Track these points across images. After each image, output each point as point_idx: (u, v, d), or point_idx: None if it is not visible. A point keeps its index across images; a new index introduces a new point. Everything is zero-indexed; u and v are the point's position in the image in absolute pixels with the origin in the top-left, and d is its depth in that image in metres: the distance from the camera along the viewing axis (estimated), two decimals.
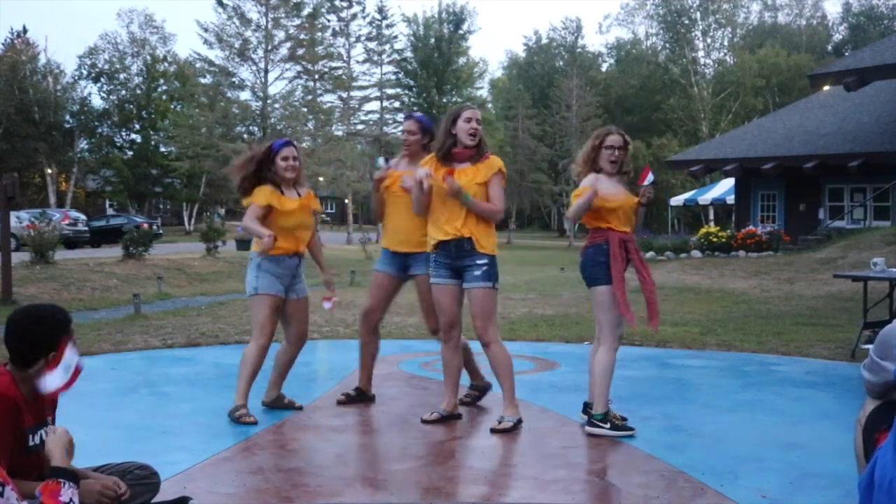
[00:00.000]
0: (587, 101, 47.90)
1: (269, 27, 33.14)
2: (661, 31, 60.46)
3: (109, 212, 46.44)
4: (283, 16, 33.65)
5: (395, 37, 47.64)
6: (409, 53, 55.24)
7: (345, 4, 41.43)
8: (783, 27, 63.32)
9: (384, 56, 44.79)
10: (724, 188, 31.40)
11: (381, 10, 44.56)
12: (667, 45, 59.93)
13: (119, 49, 48.74)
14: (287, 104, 34.77)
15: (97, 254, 21.40)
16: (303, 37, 34.03)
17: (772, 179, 22.86)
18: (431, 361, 6.51)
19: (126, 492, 2.78)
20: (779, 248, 19.86)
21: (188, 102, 40.86)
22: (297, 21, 34.34)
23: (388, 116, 43.82)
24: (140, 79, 49.29)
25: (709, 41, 58.54)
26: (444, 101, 53.74)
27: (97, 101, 48.20)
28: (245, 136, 33.40)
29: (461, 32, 57.06)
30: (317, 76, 36.45)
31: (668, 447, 4.31)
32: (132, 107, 48.96)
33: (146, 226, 27.07)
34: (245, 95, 34.39)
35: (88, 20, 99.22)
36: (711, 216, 40.99)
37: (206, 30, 33.28)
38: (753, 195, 24.10)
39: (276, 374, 5.15)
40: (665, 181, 41.67)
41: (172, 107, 48.47)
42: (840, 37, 63.73)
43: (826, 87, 23.52)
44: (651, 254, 20.66)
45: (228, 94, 33.99)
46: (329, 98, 39.28)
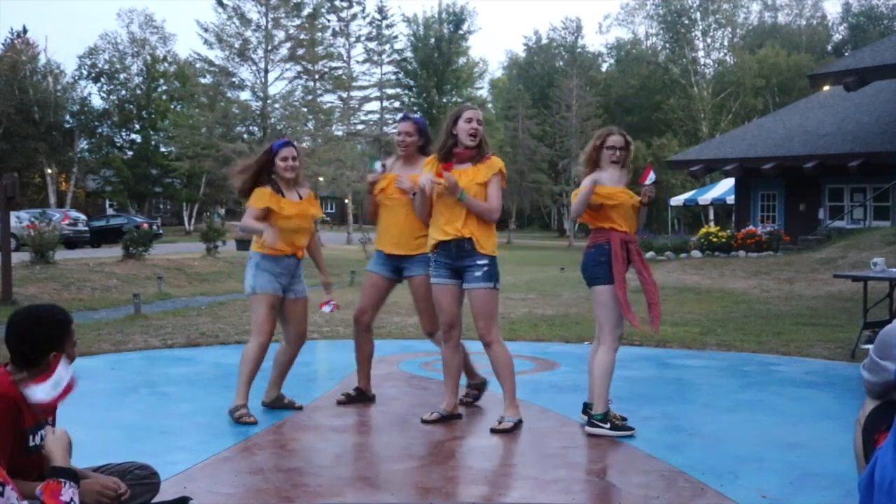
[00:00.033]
0: (587, 101, 47.88)
1: (269, 27, 33.12)
2: (661, 31, 60.46)
3: (109, 212, 46.45)
4: (283, 16, 33.63)
5: (395, 37, 47.68)
6: (409, 53, 55.27)
7: (345, 4, 41.44)
8: (783, 27, 63.32)
9: (384, 56, 44.81)
10: (724, 188, 31.40)
11: (381, 10, 44.58)
12: (667, 45, 59.92)
13: (119, 49, 48.80)
14: (287, 104, 34.74)
15: (97, 254, 21.41)
16: (303, 37, 34.00)
17: (772, 179, 22.86)
18: (431, 361, 6.51)
19: (126, 492, 2.78)
20: (779, 248, 19.85)
21: (188, 102, 40.83)
22: (297, 21, 34.31)
23: (388, 116, 43.79)
24: (140, 79, 49.31)
25: (709, 41, 58.57)
26: (444, 101, 53.77)
27: (97, 101, 48.32)
28: (245, 136, 33.37)
29: (461, 32, 57.10)
30: (317, 76, 36.43)
31: (668, 447, 4.31)
32: (132, 107, 48.97)
33: (146, 226, 27.08)
34: (245, 95, 34.41)
35: (88, 20, 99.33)
36: (711, 216, 41.00)
37: (206, 30, 33.28)
38: (753, 195, 24.10)
39: (276, 374, 5.15)
40: (665, 181, 41.66)
41: (172, 107, 48.45)
42: (840, 37, 63.74)
43: (826, 87, 23.52)
44: (651, 254, 20.66)
45: (228, 94, 33.96)
46: (329, 98, 39.31)
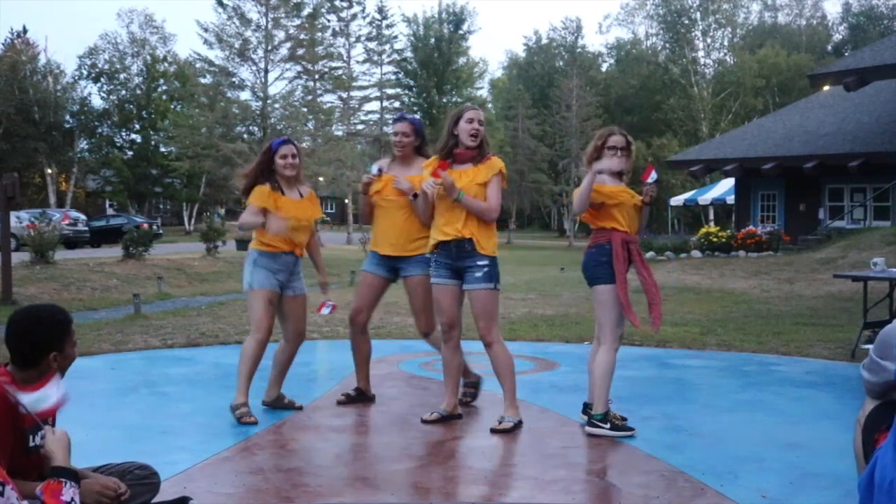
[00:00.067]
0: (587, 101, 47.88)
1: (269, 27, 33.09)
2: (661, 31, 60.48)
3: (109, 212, 46.45)
4: (283, 16, 33.59)
5: (395, 37, 47.68)
6: (409, 53, 55.26)
7: (345, 4, 41.45)
8: (783, 27, 63.34)
9: (384, 56, 44.81)
10: (724, 188, 31.40)
11: (381, 11, 44.59)
12: (667, 45, 59.94)
13: (119, 49, 48.81)
14: (287, 104, 34.70)
15: (97, 254, 21.42)
16: (303, 37, 33.97)
17: (772, 179, 22.86)
18: (431, 361, 6.51)
19: (126, 492, 2.78)
20: (779, 248, 19.85)
21: (188, 102, 40.81)
22: (297, 21, 34.27)
23: (388, 116, 43.71)
24: (140, 79, 49.32)
25: (709, 41, 58.59)
26: (444, 102, 53.78)
27: (97, 101, 48.33)
28: (245, 136, 33.35)
29: (461, 32, 57.10)
30: (317, 76, 36.42)
31: (668, 447, 4.31)
32: (132, 107, 48.97)
33: (146, 226, 27.11)
34: (245, 95, 34.35)
35: (88, 20, 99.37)
36: (711, 216, 41.00)
37: (206, 30, 33.23)
38: (753, 195, 24.10)
39: (276, 373, 5.15)
40: (665, 181, 41.67)
41: (172, 107, 48.46)
42: (840, 37, 63.75)
43: (826, 87, 23.52)
44: (651, 254, 20.66)
45: (228, 94, 33.92)
46: (329, 98, 39.30)
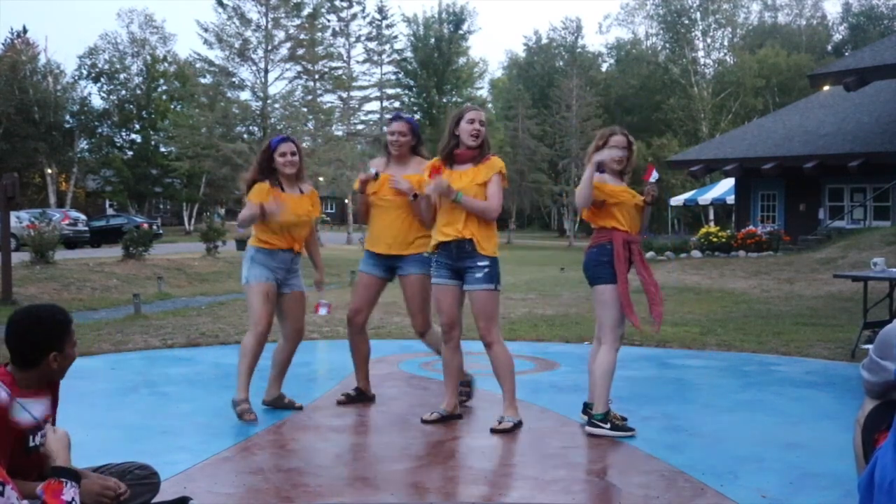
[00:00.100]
0: (587, 101, 47.89)
1: (269, 27, 33.08)
2: (661, 31, 60.49)
3: (109, 212, 46.46)
4: (283, 16, 33.58)
5: (395, 37, 47.69)
6: (409, 53, 55.27)
7: (345, 4, 41.43)
8: (783, 27, 63.34)
9: (384, 56, 44.81)
10: (724, 188, 31.39)
11: (381, 10, 44.59)
12: (667, 45, 59.95)
13: (119, 49, 48.83)
14: (287, 104, 34.69)
15: (97, 254, 21.42)
16: (303, 37, 33.96)
17: (772, 179, 22.85)
18: (431, 361, 6.51)
19: (126, 492, 2.78)
20: (779, 248, 19.85)
21: (188, 102, 40.81)
22: (297, 21, 34.26)
23: (388, 116, 43.80)
24: (140, 79, 49.32)
25: (709, 41, 58.59)
26: (444, 101, 53.79)
27: (97, 101, 48.34)
28: (245, 136, 33.34)
29: (461, 32, 57.11)
30: (317, 76, 36.40)
31: (668, 447, 4.31)
32: (132, 107, 48.98)
33: (146, 226, 27.13)
34: (245, 95, 34.34)
35: (88, 20, 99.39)
36: (711, 216, 40.99)
37: (206, 30, 33.22)
38: (753, 195, 24.10)
39: (275, 373, 5.15)
40: (665, 181, 41.67)
41: (172, 107, 48.47)
42: (840, 37, 63.76)
43: (826, 87, 23.52)
44: (651, 254, 20.65)
45: (228, 94, 33.91)
46: (329, 98, 39.25)
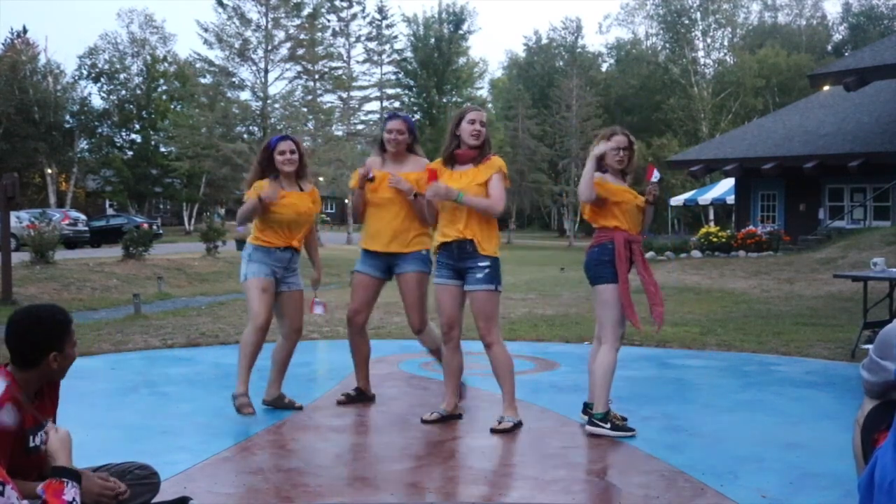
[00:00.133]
0: (587, 101, 47.89)
1: (269, 27, 33.09)
2: (661, 31, 60.50)
3: (109, 212, 46.45)
4: (283, 16, 33.59)
5: (395, 37, 47.66)
6: (409, 53, 55.26)
7: (345, 4, 41.41)
8: (783, 27, 63.35)
9: (384, 56, 44.78)
10: (724, 188, 31.40)
11: (381, 10, 44.57)
12: (667, 45, 59.96)
13: (119, 49, 48.81)
14: (287, 104, 34.70)
15: (97, 254, 21.42)
16: (303, 37, 33.96)
17: (772, 179, 22.85)
18: (431, 361, 6.49)
19: (125, 492, 2.78)
20: (779, 248, 19.85)
21: (188, 102, 40.82)
22: (297, 21, 34.27)
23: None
24: (140, 79, 49.31)
25: (709, 41, 58.61)
26: (444, 102, 53.78)
27: (97, 101, 48.32)
28: (245, 136, 33.35)
29: (461, 32, 57.11)
30: (317, 76, 36.39)
31: (668, 447, 4.31)
32: (132, 107, 48.97)
33: (146, 226, 27.12)
34: (245, 95, 34.35)
35: (88, 20, 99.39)
36: (711, 216, 40.99)
37: (206, 30, 33.23)
38: (753, 195, 24.10)
39: (275, 372, 5.15)
40: (665, 181, 41.68)
41: (172, 107, 48.46)
42: (840, 37, 63.77)
43: (826, 87, 23.52)
44: (651, 254, 20.64)
45: (228, 94, 33.91)
46: (329, 98, 39.22)
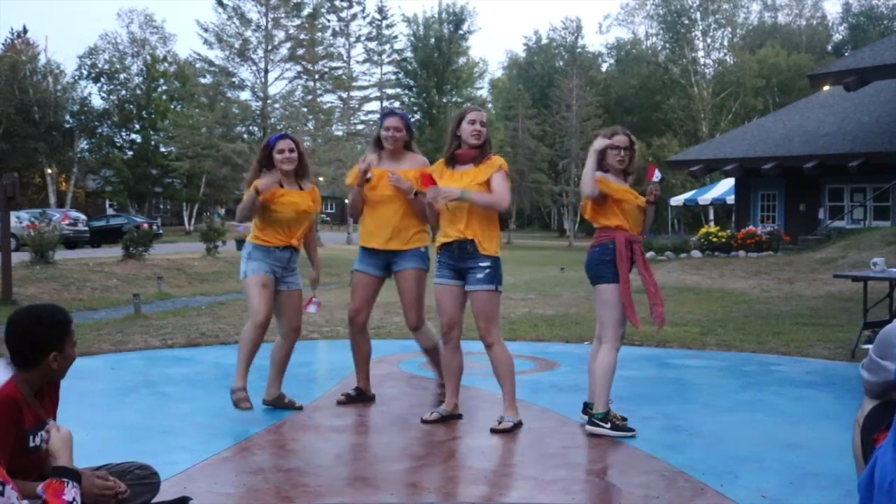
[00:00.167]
0: (587, 101, 47.89)
1: (269, 27, 33.11)
2: (661, 31, 60.50)
3: (109, 212, 46.45)
4: (283, 16, 33.61)
5: (395, 37, 47.68)
6: (409, 53, 55.17)
7: (345, 4, 41.43)
8: (783, 27, 63.36)
9: (384, 56, 44.82)
10: (724, 188, 31.39)
11: (381, 10, 44.58)
12: (667, 45, 59.95)
13: (119, 49, 48.82)
14: (287, 104, 34.72)
15: (97, 254, 21.42)
16: (303, 37, 33.98)
17: (772, 179, 22.85)
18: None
19: (125, 491, 2.78)
20: (779, 248, 19.85)
21: (188, 102, 40.84)
22: (297, 21, 34.29)
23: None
24: (140, 79, 49.31)
25: (709, 41, 58.60)
26: (444, 102, 53.71)
27: (97, 101, 48.33)
28: (245, 136, 33.37)
29: (461, 32, 57.00)
30: (317, 76, 36.40)
31: (668, 447, 4.31)
32: (132, 107, 48.97)
33: (146, 226, 27.11)
34: (245, 95, 34.38)
35: (88, 20, 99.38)
36: (711, 216, 40.99)
37: (206, 30, 33.26)
38: (753, 195, 24.09)
39: (275, 371, 5.15)
40: (665, 181, 41.68)
41: (172, 107, 48.46)
42: (840, 37, 63.77)
43: (826, 87, 23.52)
44: (651, 254, 20.63)
45: (228, 94, 33.94)
46: (329, 98, 39.24)
